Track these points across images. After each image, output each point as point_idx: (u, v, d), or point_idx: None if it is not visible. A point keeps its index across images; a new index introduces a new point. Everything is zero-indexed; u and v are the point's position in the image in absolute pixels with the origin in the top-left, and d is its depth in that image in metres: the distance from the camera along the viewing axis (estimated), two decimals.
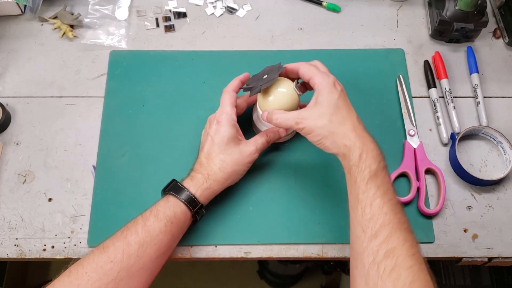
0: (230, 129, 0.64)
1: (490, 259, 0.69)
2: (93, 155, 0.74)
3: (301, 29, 0.85)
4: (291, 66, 0.64)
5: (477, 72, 0.80)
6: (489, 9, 0.85)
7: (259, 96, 0.66)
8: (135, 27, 0.85)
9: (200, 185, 0.62)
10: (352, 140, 0.57)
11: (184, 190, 0.61)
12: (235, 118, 0.65)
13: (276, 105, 0.64)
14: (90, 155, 0.74)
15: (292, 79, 0.66)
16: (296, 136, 0.75)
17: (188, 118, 0.77)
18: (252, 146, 0.65)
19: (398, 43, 0.84)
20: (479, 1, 0.78)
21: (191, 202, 0.61)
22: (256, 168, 0.71)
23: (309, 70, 0.61)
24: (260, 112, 0.67)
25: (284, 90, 0.64)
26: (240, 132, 0.67)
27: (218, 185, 0.63)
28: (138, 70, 0.80)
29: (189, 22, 0.86)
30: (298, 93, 0.64)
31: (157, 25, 0.85)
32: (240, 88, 0.67)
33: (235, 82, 0.67)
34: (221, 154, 0.63)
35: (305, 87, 0.67)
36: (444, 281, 1.03)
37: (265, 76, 0.65)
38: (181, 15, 0.86)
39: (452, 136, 0.75)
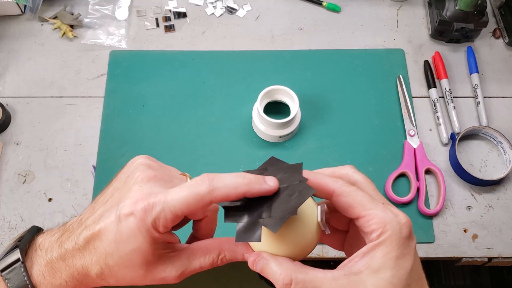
0: (146, 241, 0.32)
1: (490, 259, 0.69)
2: (93, 155, 0.74)
3: (301, 29, 0.85)
4: (319, 181, 0.34)
5: (477, 72, 0.80)
6: (489, 9, 0.85)
7: None
8: (135, 27, 0.85)
9: (55, 280, 0.34)
10: None
11: (21, 272, 0.34)
12: (165, 230, 0.33)
13: (282, 243, 0.34)
14: (90, 155, 0.74)
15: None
16: (296, 136, 0.75)
17: (188, 118, 0.77)
18: (173, 270, 0.34)
19: (398, 43, 0.84)
20: (479, 1, 0.78)
21: None
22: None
23: (359, 200, 0.33)
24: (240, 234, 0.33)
25: (301, 220, 0.34)
26: (173, 238, 0.36)
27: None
28: (138, 70, 0.80)
29: (189, 22, 0.86)
30: (325, 231, 0.35)
31: (157, 25, 0.85)
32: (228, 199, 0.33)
33: (225, 190, 0.32)
34: (110, 258, 0.33)
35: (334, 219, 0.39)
36: (444, 281, 1.03)
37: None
38: (181, 15, 0.86)
39: (452, 136, 0.75)
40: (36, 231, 0.37)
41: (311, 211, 0.34)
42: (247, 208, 0.33)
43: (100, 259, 0.33)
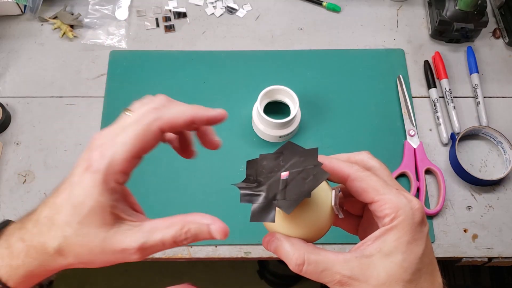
0: (103, 194, 0.32)
1: (490, 259, 0.69)
2: None
3: (301, 29, 0.85)
4: (334, 165, 0.35)
5: (477, 72, 0.80)
6: (489, 9, 0.85)
7: None
8: (135, 27, 0.85)
9: (13, 261, 0.34)
10: None
11: None
12: (124, 178, 0.35)
13: (295, 225, 0.34)
14: None
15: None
16: (296, 136, 0.75)
17: None
18: (132, 239, 0.32)
19: (398, 43, 0.84)
20: (479, 1, 0.78)
21: None
22: None
23: (373, 185, 0.33)
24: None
25: (315, 204, 0.34)
26: (132, 201, 0.38)
27: (41, 269, 0.34)
28: (138, 70, 0.80)
29: (189, 22, 0.86)
30: (339, 215, 0.35)
31: (157, 25, 0.85)
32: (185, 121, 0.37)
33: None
34: (68, 226, 0.32)
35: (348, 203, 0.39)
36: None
37: (288, 164, 0.35)
38: (181, 15, 0.86)
39: (452, 136, 0.75)
40: (7, 223, 0.37)
41: (326, 194, 0.35)
42: (262, 190, 0.34)
43: (57, 231, 0.32)
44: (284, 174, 0.34)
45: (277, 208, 0.33)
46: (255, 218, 0.33)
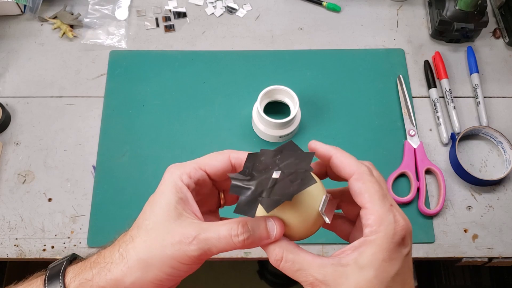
0: (172, 191, 0.36)
1: (490, 259, 0.68)
2: (93, 155, 0.74)
3: (301, 29, 0.85)
4: (345, 159, 0.37)
5: (477, 72, 0.80)
6: (489, 9, 0.85)
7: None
8: (135, 27, 0.85)
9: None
10: None
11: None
12: (188, 180, 0.37)
13: (284, 223, 0.35)
14: (90, 155, 0.74)
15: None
16: (296, 136, 0.75)
17: (188, 118, 0.77)
18: (189, 229, 0.34)
19: (398, 43, 0.84)
20: (479, 1, 0.78)
21: None
22: None
23: (371, 192, 0.34)
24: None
25: (304, 206, 0.35)
26: (194, 208, 0.37)
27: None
28: (138, 70, 0.80)
29: (189, 22, 0.86)
30: (325, 220, 0.35)
31: (157, 25, 0.85)
32: (226, 171, 0.38)
33: (221, 157, 0.38)
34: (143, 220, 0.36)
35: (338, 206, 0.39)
36: (444, 281, 1.03)
37: (283, 164, 0.35)
38: (181, 15, 0.86)
39: (452, 136, 0.75)
40: (70, 261, 0.39)
41: (316, 198, 0.35)
42: (252, 185, 0.35)
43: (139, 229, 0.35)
44: (276, 173, 0.34)
45: (260, 205, 0.34)
46: (239, 210, 0.33)
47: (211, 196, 0.41)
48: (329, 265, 0.32)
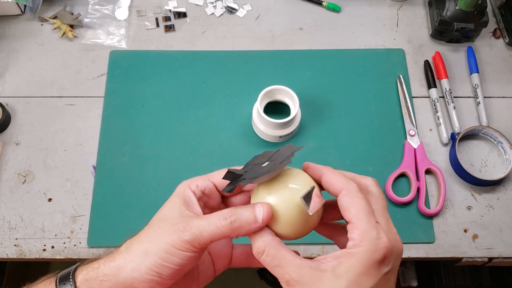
0: (176, 198, 0.39)
1: (490, 259, 0.68)
2: (93, 155, 0.74)
3: (301, 29, 0.85)
4: (332, 175, 0.37)
5: (477, 72, 0.80)
6: (489, 9, 0.85)
7: (254, 195, 0.38)
8: (135, 27, 0.85)
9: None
10: None
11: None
12: (194, 187, 0.40)
13: (272, 219, 0.36)
14: (90, 155, 0.74)
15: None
16: (296, 136, 0.75)
17: (188, 118, 0.77)
18: (183, 220, 0.37)
19: (398, 43, 0.84)
20: (479, 1, 0.78)
21: None
22: None
23: (358, 207, 0.35)
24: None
25: (295, 187, 0.36)
26: (195, 209, 0.39)
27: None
28: (138, 70, 0.80)
29: (189, 22, 0.86)
30: (307, 210, 0.36)
31: (157, 25, 0.85)
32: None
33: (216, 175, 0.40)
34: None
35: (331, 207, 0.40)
36: (444, 281, 1.03)
37: (273, 157, 0.38)
38: (181, 15, 0.86)
39: (452, 136, 0.75)
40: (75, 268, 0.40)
41: (303, 190, 0.36)
42: (243, 171, 0.38)
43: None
44: (266, 163, 0.37)
45: (258, 194, 0.37)
46: (223, 189, 0.38)
47: None
48: (307, 267, 0.33)
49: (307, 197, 0.36)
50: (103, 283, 0.37)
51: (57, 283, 0.38)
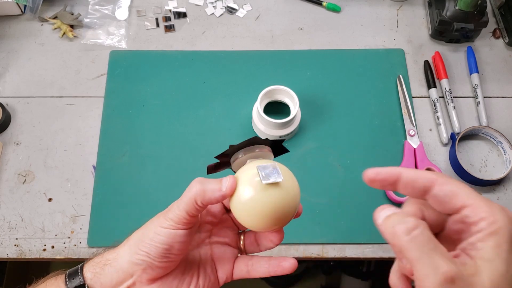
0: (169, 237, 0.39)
1: None
2: (93, 155, 0.74)
3: (301, 29, 0.85)
4: (416, 172, 0.33)
5: (477, 72, 0.80)
6: (489, 9, 0.85)
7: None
8: (135, 27, 0.85)
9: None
10: None
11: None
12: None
13: (248, 207, 0.38)
14: (90, 155, 0.74)
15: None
16: (296, 136, 0.75)
17: (188, 118, 0.77)
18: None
19: (398, 43, 0.84)
20: (479, 1, 0.78)
21: None
22: None
23: (463, 189, 0.31)
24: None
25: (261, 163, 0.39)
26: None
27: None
28: (138, 70, 0.80)
29: (189, 22, 0.86)
30: (261, 178, 0.37)
31: (157, 25, 0.85)
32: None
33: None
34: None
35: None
36: None
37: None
38: (181, 15, 0.86)
39: (452, 136, 0.75)
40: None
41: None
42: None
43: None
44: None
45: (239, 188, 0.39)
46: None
47: (229, 229, 0.45)
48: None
49: (265, 168, 0.37)
50: (105, 267, 0.40)
51: (66, 279, 0.41)
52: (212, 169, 0.42)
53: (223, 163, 0.42)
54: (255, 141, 0.41)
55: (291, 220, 0.40)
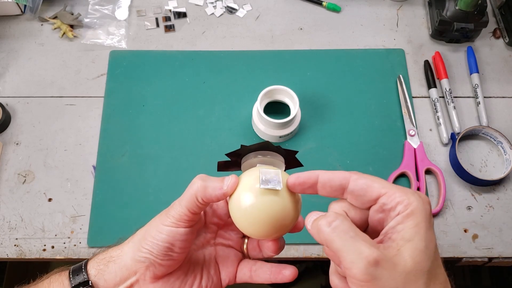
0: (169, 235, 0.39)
1: (490, 259, 0.68)
2: (93, 155, 0.74)
3: (301, 29, 0.85)
4: (332, 173, 0.36)
5: (477, 72, 0.80)
6: (489, 9, 0.85)
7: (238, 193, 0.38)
8: (135, 27, 0.85)
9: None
10: None
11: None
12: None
13: (252, 213, 0.37)
14: (90, 155, 0.74)
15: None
16: (296, 136, 0.75)
17: (188, 118, 0.77)
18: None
19: (398, 43, 0.84)
20: (479, 1, 0.78)
21: None
22: None
23: (377, 181, 0.34)
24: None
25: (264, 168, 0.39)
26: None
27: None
28: (138, 70, 0.80)
29: (189, 22, 0.86)
30: (261, 181, 0.37)
31: (157, 25, 0.85)
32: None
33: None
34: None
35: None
36: None
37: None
38: (181, 15, 0.86)
39: (452, 136, 0.75)
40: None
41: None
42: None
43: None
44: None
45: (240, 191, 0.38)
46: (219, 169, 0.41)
47: (234, 232, 0.45)
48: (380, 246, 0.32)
49: (267, 173, 0.37)
50: (109, 264, 0.40)
51: (70, 275, 0.41)
52: (223, 167, 0.41)
53: (233, 162, 0.41)
54: (267, 146, 0.40)
55: (287, 232, 0.39)
